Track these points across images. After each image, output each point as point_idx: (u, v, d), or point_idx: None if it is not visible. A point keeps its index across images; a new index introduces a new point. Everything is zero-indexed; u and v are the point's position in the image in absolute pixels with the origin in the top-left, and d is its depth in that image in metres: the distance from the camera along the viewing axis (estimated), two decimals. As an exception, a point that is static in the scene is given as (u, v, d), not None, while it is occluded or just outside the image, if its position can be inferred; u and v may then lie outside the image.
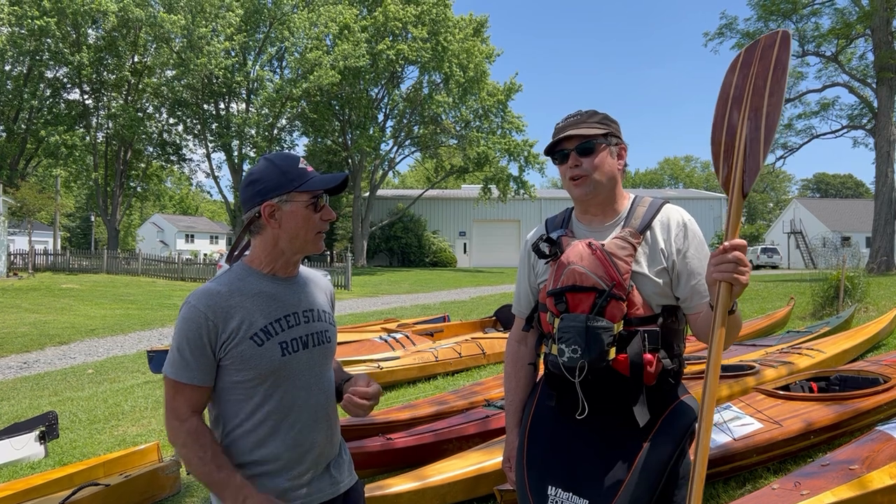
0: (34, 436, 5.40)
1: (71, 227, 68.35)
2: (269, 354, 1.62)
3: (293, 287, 1.75)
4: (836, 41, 25.04)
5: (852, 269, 10.36)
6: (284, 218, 1.65)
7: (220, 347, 1.60)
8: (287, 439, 1.66)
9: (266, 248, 1.70)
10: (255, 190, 1.66)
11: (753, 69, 1.74)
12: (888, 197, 23.09)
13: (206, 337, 1.58)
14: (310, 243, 1.70)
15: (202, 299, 1.60)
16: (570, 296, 1.77)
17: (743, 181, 1.68)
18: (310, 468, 1.71)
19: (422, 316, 12.30)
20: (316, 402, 1.73)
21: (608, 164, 1.86)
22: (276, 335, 1.65)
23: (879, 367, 4.70)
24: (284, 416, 1.66)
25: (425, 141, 40.87)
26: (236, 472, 1.59)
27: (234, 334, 1.60)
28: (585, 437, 1.82)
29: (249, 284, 1.67)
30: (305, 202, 1.67)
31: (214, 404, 1.69)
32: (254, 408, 1.64)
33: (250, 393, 1.64)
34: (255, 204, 1.66)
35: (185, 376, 1.59)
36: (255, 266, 1.71)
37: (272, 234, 1.67)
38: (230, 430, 1.66)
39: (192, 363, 1.59)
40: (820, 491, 2.77)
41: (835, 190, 79.59)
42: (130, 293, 23.27)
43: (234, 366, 1.61)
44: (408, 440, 4.01)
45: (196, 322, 1.58)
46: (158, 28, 31.48)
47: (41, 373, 10.70)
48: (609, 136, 1.87)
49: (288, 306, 1.70)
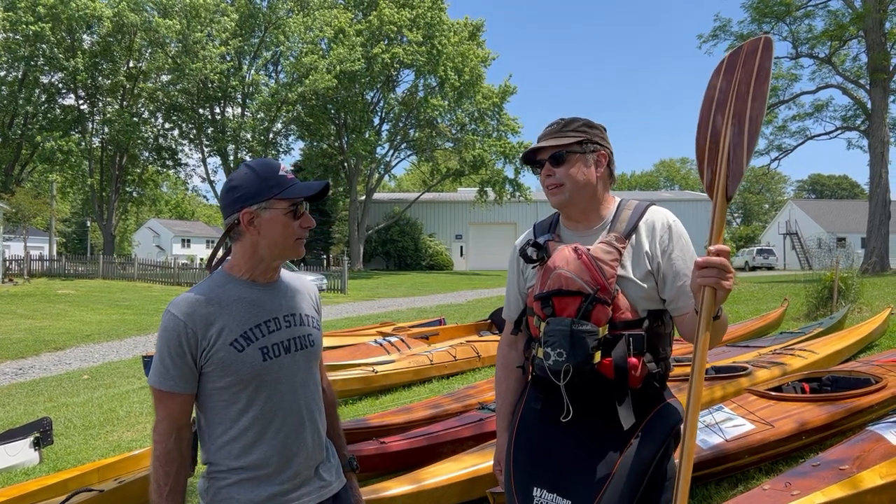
0: (29, 442, 5.39)
1: (67, 233, 68.14)
2: (249, 360, 1.64)
3: (274, 292, 1.76)
4: (829, 43, 25.15)
5: (846, 269, 10.40)
6: (263, 225, 1.67)
7: (201, 355, 1.62)
8: (274, 444, 1.67)
9: (245, 255, 1.71)
10: (235, 196, 1.67)
11: (737, 74, 1.76)
12: (882, 198, 23.16)
13: (185, 345, 1.60)
14: (289, 249, 1.71)
15: (181, 307, 1.62)
16: (556, 300, 1.79)
17: (727, 185, 1.70)
18: (298, 472, 1.72)
19: (418, 319, 12.30)
20: (302, 407, 1.74)
21: (582, 173, 1.87)
22: (257, 340, 1.66)
23: (871, 367, 4.72)
24: (270, 420, 1.67)
25: (421, 144, 40.87)
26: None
27: (213, 341, 1.61)
28: (570, 440, 1.83)
29: (229, 291, 1.68)
30: (285, 209, 1.68)
31: (201, 411, 1.70)
32: (238, 414, 1.65)
33: (233, 399, 1.65)
34: (235, 210, 1.67)
35: (167, 384, 1.61)
36: (234, 273, 1.72)
37: (251, 240, 1.68)
38: (217, 436, 1.67)
39: (173, 371, 1.60)
40: (810, 491, 2.78)
41: (830, 191, 79.85)
42: (126, 298, 23.23)
43: (215, 372, 1.63)
44: (402, 444, 4.02)
45: (175, 330, 1.60)
46: (153, 33, 31.47)
47: (36, 379, 10.68)
48: (585, 144, 1.87)
49: (268, 312, 1.71)
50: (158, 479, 1.60)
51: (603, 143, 1.91)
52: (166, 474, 1.60)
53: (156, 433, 1.62)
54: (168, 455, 1.61)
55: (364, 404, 6.28)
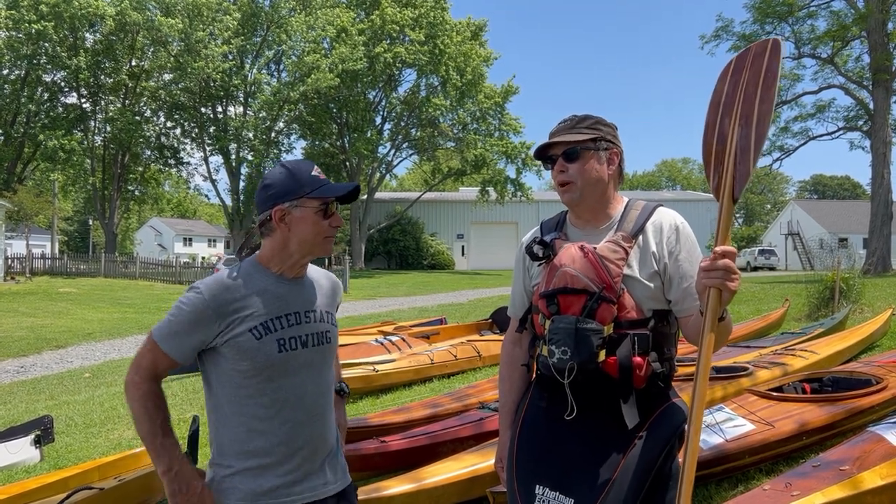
0: (30, 440, 5.39)
1: (69, 231, 68.28)
2: (265, 349, 1.69)
3: (298, 288, 1.82)
4: (832, 43, 25.09)
5: (847, 270, 10.38)
6: (294, 222, 1.74)
7: (214, 337, 1.68)
8: (279, 434, 1.72)
9: (275, 250, 1.78)
10: (268, 194, 1.75)
11: (744, 76, 1.76)
12: (885, 198, 23.13)
13: (199, 324, 1.67)
14: (317, 247, 1.79)
15: (210, 288, 1.69)
16: (561, 298, 1.79)
17: (733, 187, 1.70)
18: (299, 466, 1.74)
19: (419, 319, 12.29)
20: (311, 402, 1.78)
21: (595, 170, 1.86)
22: (275, 332, 1.72)
23: (872, 368, 4.71)
24: (278, 411, 1.72)
25: (423, 144, 40.89)
26: (178, 446, 1.69)
27: (233, 326, 1.68)
28: (574, 438, 1.83)
29: (256, 281, 1.75)
30: (315, 208, 1.75)
31: (212, 391, 1.75)
32: (248, 399, 1.71)
33: (245, 384, 1.70)
34: (268, 207, 1.75)
35: (166, 346, 1.68)
36: (264, 264, 1.80)
37: (282, 236, 1.76)
38: (227, 418, 1.73)
39: (176, 340, 1.67)
40: (811, 492, 2.78)
41: (832, 191, 79.70)
42: (128, 297, 23.27)
43: (231, 354, 1.69)
44: (402, 443, 4.01)
45: (195, 307, 1.67)
46: (156, 32, 31.51)
47: (38, 377, 10.70)
48: (598, 141, 1.87)
49: (290, 305, 1.77)
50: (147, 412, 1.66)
51: (615, 142, 1.91)
52: (157, 407, 1.68)
53: (137, 374, 1.68)
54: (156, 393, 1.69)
55: (364, 403, 6.27)
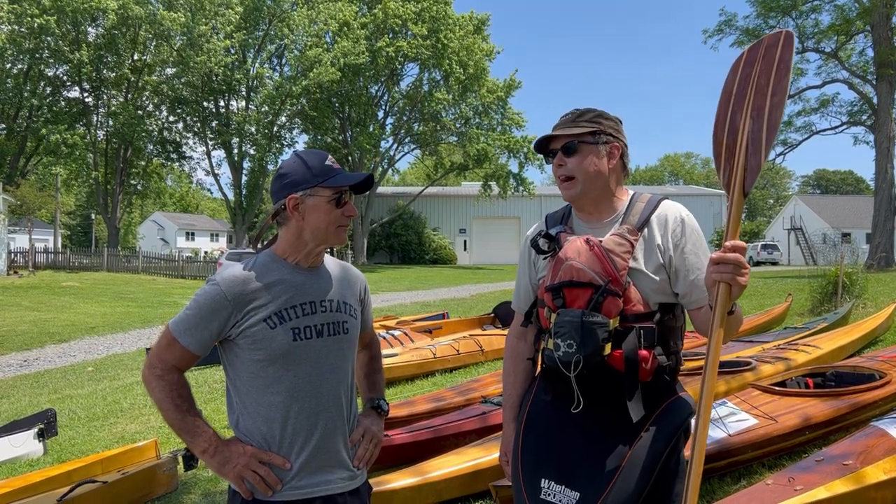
0: (33, 433, 5.41)
1: (71, 226, 68.34)
2: (279, 338, 1.70)
3: (315, 277, 1.83)
4: (835, 37, 25.00)
5: (850, 265, 10.37)
6: (308, 211, 1.75)
7: (231, 328, 1.70)
8: (294, 424, 1.73)
9: (290, 239, 1.79)
10: (283, 183, 1.77)
11: (756, 68, 1.74)
12: (888, 193, 23.08)
13: (216, 315, 1.69)
14: (331, 235, 1.79)
15: (227, 280, 1.71)
16: (567, 291, 1.78)
17: (744, 180, 1.68)
18: (313, 457, 1.74)
19: (421, 313, 12.30)
20: (327, 392, 1.77)
21: (594, 164, 1.85)
22: (290, 321, 1.73)
23: (875, 362, 4.71)
24: (292, 401, 1.73)
25: (425, 138, 40.86)
26: (207, 423, 1.71)
27: (249, 316, 1.70)
28: (580, 431, 1.83)
29: (272, 271, 1.76)
30: (328, 197, 1.76)
31: (231, 381, 1.77)
32: (265, 387, 1.72)
33: (261, 373, 1.72)
34: (282, 196, 1.76)
35: (184, 339, 1.69)
36: (280, 254, 1.81)
37: (296, 225, 1.77)
38: (244, 407, 1.75)
39: (195, 332, 1.69)
40: (814, 486, 2.78)
41: (835, 186, 79.47)
42: (131, 291, 23.30)
43: (247, 344, 1.71)
44: (405, 437, 4.03)
45: (213, 299, 1.69)
46: (158, 26, 31.49)
47: (41, 370, 10.72)
48: (598, 135, 1.86)
49: (306, 295, 1.78)
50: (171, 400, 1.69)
51: (616, 135, 1.89)
52: (181, 396, 1.70)
53: (159, 364, 1.70)
54: (178, 382, 1.72)
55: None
